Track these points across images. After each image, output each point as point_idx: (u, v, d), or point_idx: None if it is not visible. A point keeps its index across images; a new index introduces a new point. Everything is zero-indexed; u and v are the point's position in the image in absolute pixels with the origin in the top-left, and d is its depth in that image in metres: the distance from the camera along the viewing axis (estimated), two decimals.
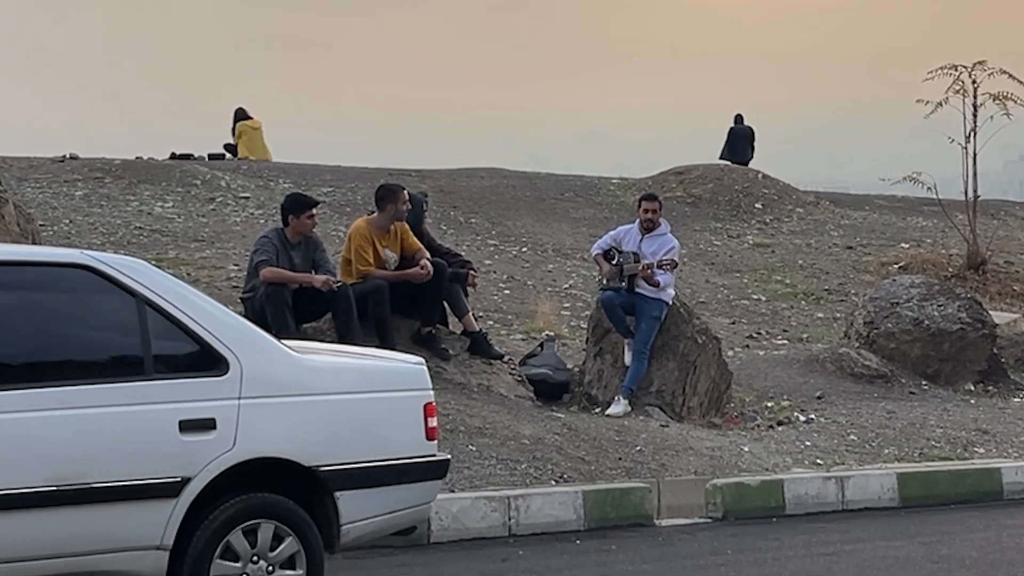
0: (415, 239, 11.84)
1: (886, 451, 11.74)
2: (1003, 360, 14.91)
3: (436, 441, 7.05)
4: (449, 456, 7.37)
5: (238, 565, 6.33)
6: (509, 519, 9.10)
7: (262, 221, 19.04)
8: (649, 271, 12.33)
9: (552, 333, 14.74)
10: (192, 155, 26.37)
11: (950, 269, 20.13)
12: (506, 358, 12.47)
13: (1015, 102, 19.88)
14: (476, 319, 12.75)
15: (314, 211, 11.47)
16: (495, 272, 18.29)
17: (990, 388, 14.38)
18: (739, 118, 29.51)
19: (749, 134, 29.12)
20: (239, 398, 6.37)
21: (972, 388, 14.29)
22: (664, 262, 12.41)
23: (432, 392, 7.10)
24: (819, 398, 13.34)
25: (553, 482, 9.82)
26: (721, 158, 28.30)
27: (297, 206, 11.38)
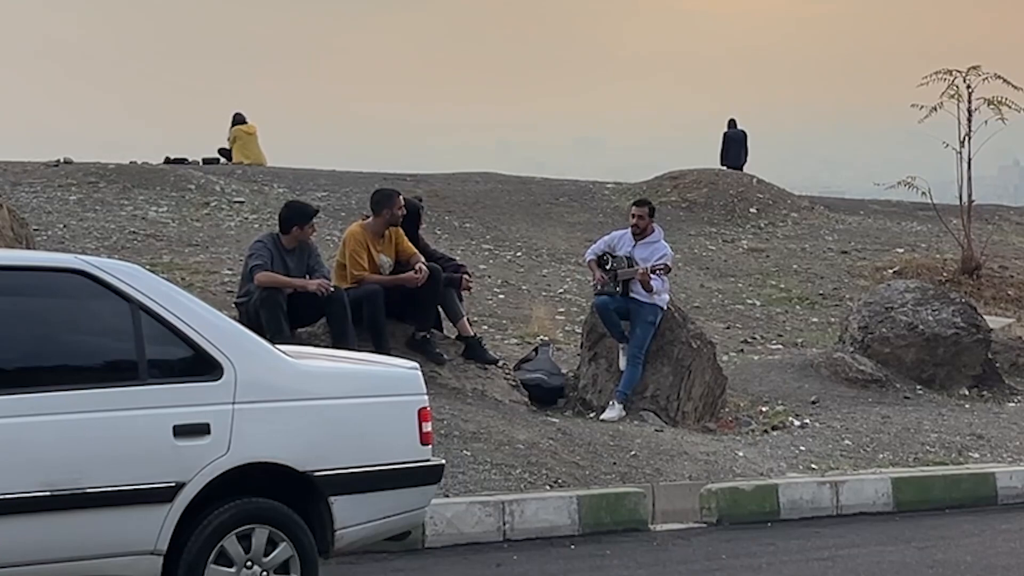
0: (410, 244, 11.83)
1: (881, 456, 11.74)
2: (998, 365, 14.91)
3: (431, 446, 7.04)
4: (443, 461, 7.39)
5: (232, 570, 6.31)
6: (504, 524, 9.08)
7: (256, 226, 19.03)
8: (646, 276, 12.32)
9: (547, 338, 14.74)
10: (186, 160, 26.38)
11: (945, 274, 20.15)
12: (501, 363, 12.45)
13: (1009, 107, 19.92)
14: (471, 324, 12.75)
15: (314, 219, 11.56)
16: (490, 277, 18.29)
17: (985, 393, 14.38)
18: (732, 123, 29.58)
19: (742, 138, 29.19)
20: (233, 403, 6.36)
21: (967, 393, 14.30)
22: (657, 266, 12.40)
23: (426, 397, 7.10)
24: (814, 403, 13.33)
25: (548, 487, 9.81)
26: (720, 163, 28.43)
27: (303, 216, 11.40)
